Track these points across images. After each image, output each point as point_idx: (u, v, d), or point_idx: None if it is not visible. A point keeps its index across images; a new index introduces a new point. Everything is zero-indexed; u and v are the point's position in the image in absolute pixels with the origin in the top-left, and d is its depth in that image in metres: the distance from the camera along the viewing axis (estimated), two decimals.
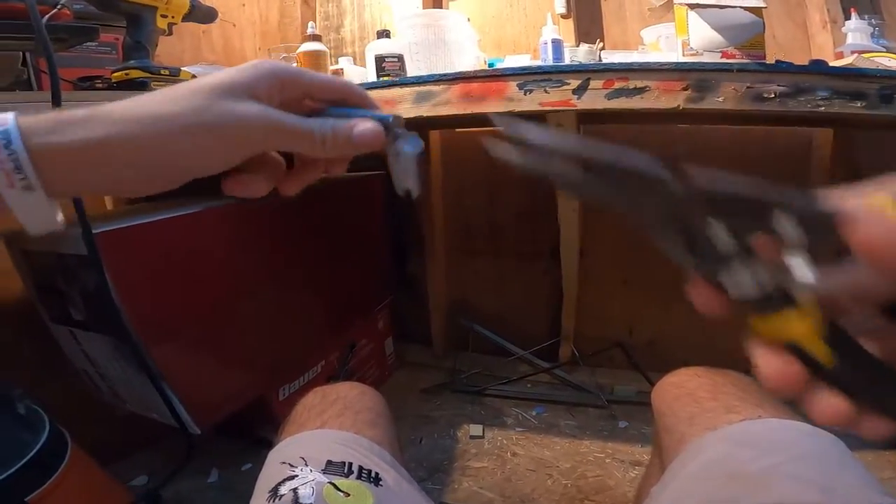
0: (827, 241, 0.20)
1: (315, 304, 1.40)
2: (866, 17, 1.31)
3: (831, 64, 1.02)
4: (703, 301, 0.25)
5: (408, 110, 0.97)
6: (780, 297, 0.22)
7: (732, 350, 1.60)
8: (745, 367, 1.31)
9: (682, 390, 0.68)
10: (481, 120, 1.04)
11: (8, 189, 0.32)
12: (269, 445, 0.64)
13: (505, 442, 1.46)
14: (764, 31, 0.94)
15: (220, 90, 0.36)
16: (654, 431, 0.73)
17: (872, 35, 1.28)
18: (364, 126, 0.39)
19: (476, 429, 1.50)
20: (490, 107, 0.93)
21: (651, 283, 1.58)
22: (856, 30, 1.28)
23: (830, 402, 0.22)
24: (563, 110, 0.89)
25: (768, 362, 0.23)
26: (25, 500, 0.80)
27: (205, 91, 0.36)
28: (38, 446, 0.84)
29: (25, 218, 0.34)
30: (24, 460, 0.82)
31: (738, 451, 0.52)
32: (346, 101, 0.42)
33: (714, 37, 0.95)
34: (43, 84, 1.04)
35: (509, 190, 1.60)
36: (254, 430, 1.39)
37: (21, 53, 0.98)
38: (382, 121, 0.40)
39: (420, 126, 1.17)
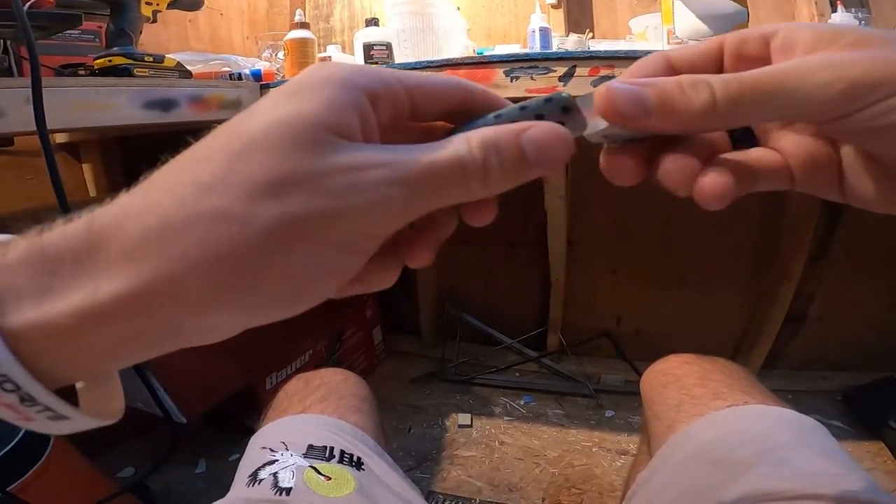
0: None
1: None
2: (853, 10, 1.32)
3: None
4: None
5: None
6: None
7: (720, 339, 1.61)
8: (732, 354, 1.32)
9: (671, 377, 0.68)
10: None
11: (26, 422, 0.22)
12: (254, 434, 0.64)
13: (493, 431, 1.46)
14: (748, 21, 0.94)
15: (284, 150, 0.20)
16: (642, 418, 0.73)
17: None
18: (541, 128, 0.22)
19: (464, 418, 1.51)
20: None
21: (639, 273, 1.59)
22: (840, 23, 1.29)
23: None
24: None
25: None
26: (7, 489, 0.80)
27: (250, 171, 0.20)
28: (18, 436, 0.83)
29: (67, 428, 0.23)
30: (5, 450, 0.81)
31: (724, 437, 0.52)
32: (466, 105, 0.26)
33: (699, 26, 0.95)
34: (24, 71, 1.03)
35: None
36: (241, 420, 1.38)
37: (2, 41, 0.97)
38: (554, 105, 0.24)
39: None
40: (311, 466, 0.52)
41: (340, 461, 0.55)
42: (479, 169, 0.22)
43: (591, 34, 1.55)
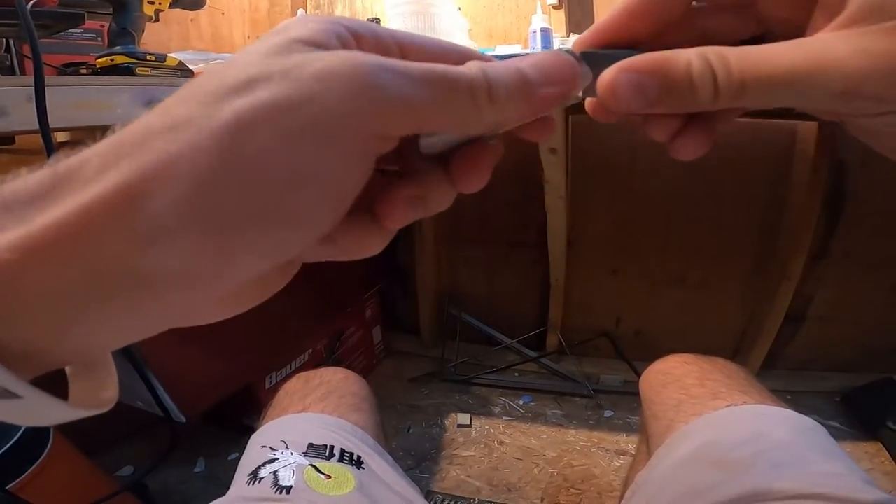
0: None
1: (303, 291, 1.39)
2: None
3: None
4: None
5: None
6: None
7: (719, 339, 1.61)
8: (731, 354, 1.31)
9: (670, 377, 0.68)
10: None
11: None
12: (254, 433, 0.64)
13: (492, 431, 1.47)
14: None
15: (265, 59, 0.18)
16: (641, 418, 0.73)
17: None
18: (539, 56, 0.22)
19: (463, 418, 1.51)
20: None
21: (638, 273, 1.59)
22: None
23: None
24: None
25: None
26: (6, 488, 0.80)
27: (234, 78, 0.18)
28: (17, 434, 0.84)
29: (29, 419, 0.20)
30: (4, 448, 0.81)
31: (723, 437, 0.53)
32: None
33: None
34: (26, 70, 1.03)
35: (499, 179, 1.58)
36: (240, 419, 1.38)
37: (4, 39, 0.97)
38: None
39: None
40: (312, 465, 0.52)
41: (340, 460, 0.55)
42: (484, 85, 0.20)
43: None
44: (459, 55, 0.24)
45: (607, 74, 0.22)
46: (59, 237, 0.16)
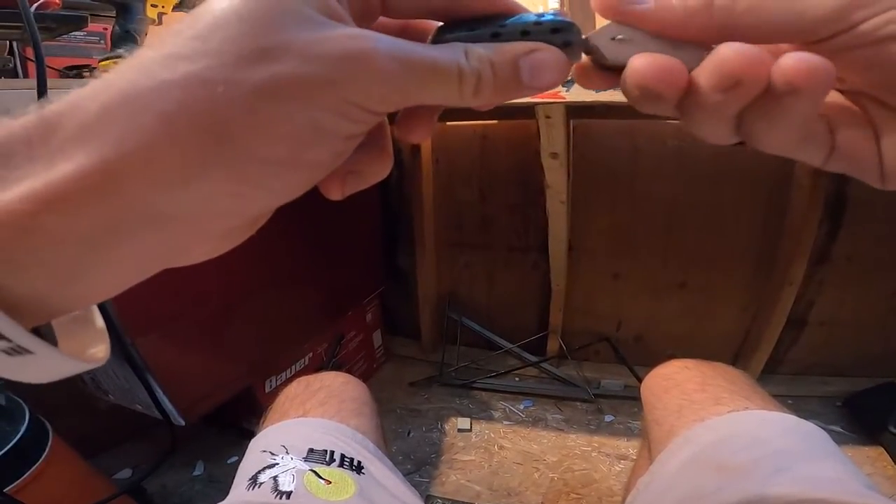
0: None
1: (303, 295, 1.40)
2: None
3: None
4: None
5: None
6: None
7: (720, 344, 1.60)
8: (732, 359, 1.31)
9: (671, 382, 0.68)
10: (471, 113, 1.04)
11: None
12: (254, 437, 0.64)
13: (492, 435, 1.46)
14: None
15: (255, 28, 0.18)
16: (643, 423, 0.73)
17: None
18: (541, 56, 0.23)
19: (464, 422, 1.50)
20: None
21: (640, 277, 1.59)
22: None
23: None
24: (552, 102, 0.89)
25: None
26: (5, 490, 0.80)
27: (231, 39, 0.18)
28: (17, 437, 0.83)
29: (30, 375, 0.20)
30: (3, 451, 0.81)
31: (725, 442, 0.52)
32: (463, 8, 0.24)
33: None
34: (29, 72, 1.04)
35: (500, 183, 1.60)
36: (240, 422, 1.38)
37: (8, 42, 0.97)
38: (558, 29, 0.24)
39: None
40: (312, 470, 0.52)
41: (341, 465, 0.54)
42: (473, 78, 0.22)
43: None
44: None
45: None
46: (76, 189, 0.17)
